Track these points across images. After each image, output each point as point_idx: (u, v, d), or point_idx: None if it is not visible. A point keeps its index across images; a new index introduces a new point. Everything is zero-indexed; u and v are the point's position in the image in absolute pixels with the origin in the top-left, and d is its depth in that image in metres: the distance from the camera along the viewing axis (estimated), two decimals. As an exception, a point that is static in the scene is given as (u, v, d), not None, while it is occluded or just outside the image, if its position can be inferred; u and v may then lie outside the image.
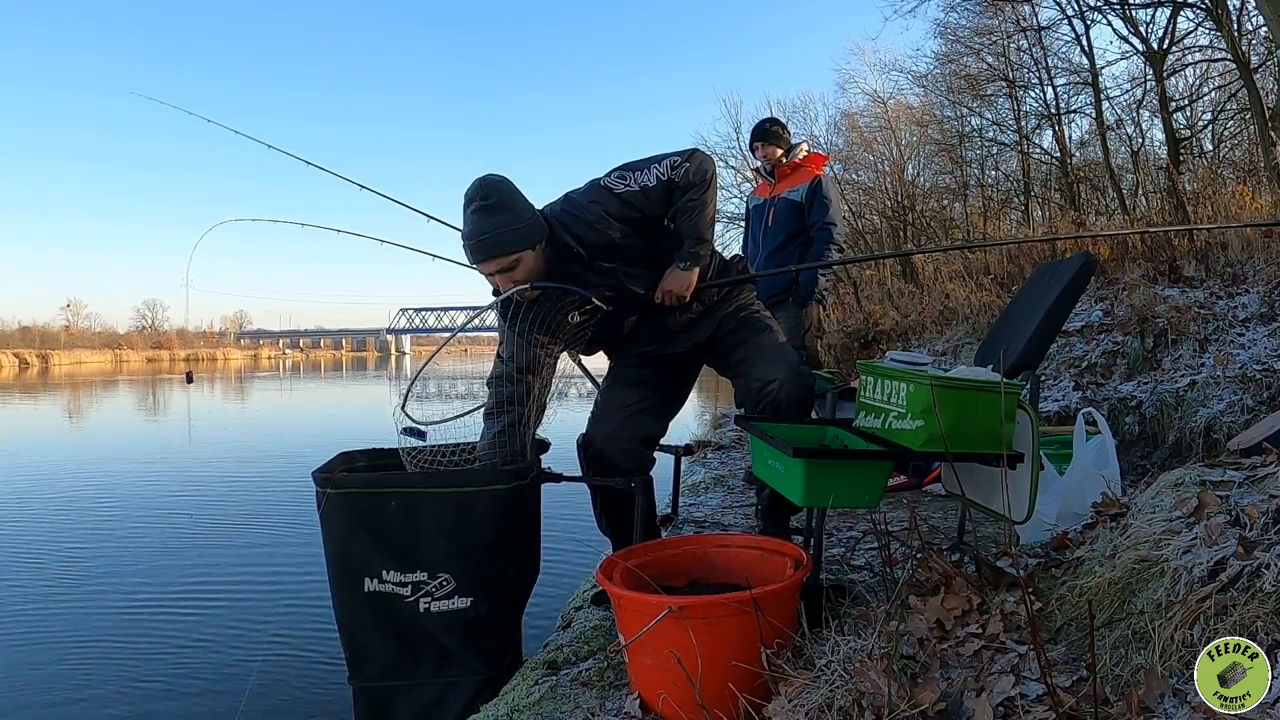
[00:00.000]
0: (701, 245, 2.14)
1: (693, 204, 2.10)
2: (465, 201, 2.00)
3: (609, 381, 2.35)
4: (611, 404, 2.26)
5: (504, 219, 1.97)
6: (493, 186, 1.99)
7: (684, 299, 2.14)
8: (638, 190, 2.07)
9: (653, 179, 2.07)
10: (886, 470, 1.78)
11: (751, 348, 2.18)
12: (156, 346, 70.00)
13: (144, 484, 6.98)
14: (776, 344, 2.18)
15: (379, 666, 2.01)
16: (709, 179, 2.12)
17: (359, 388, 25.73)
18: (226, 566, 4.46)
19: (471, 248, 2.00)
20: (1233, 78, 10.02)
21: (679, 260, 2.14)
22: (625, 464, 2.19)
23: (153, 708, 2.78)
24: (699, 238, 2.13)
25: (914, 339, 7.80)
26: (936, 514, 3.17)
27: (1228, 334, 3.97)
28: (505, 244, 1.97)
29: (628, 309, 2.19)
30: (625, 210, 2.07)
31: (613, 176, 2.10)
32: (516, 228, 1.98)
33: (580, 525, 4.28)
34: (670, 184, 2.08)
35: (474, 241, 1.98)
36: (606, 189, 2.08)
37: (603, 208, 2.06)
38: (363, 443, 2.40)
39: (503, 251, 1.98)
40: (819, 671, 1.35)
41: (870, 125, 18.04)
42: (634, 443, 2.21)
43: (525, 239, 1.99)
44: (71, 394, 21.55)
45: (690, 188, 2.08)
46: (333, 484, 1.98)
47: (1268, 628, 1.12)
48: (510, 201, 2.00)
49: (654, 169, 2.08)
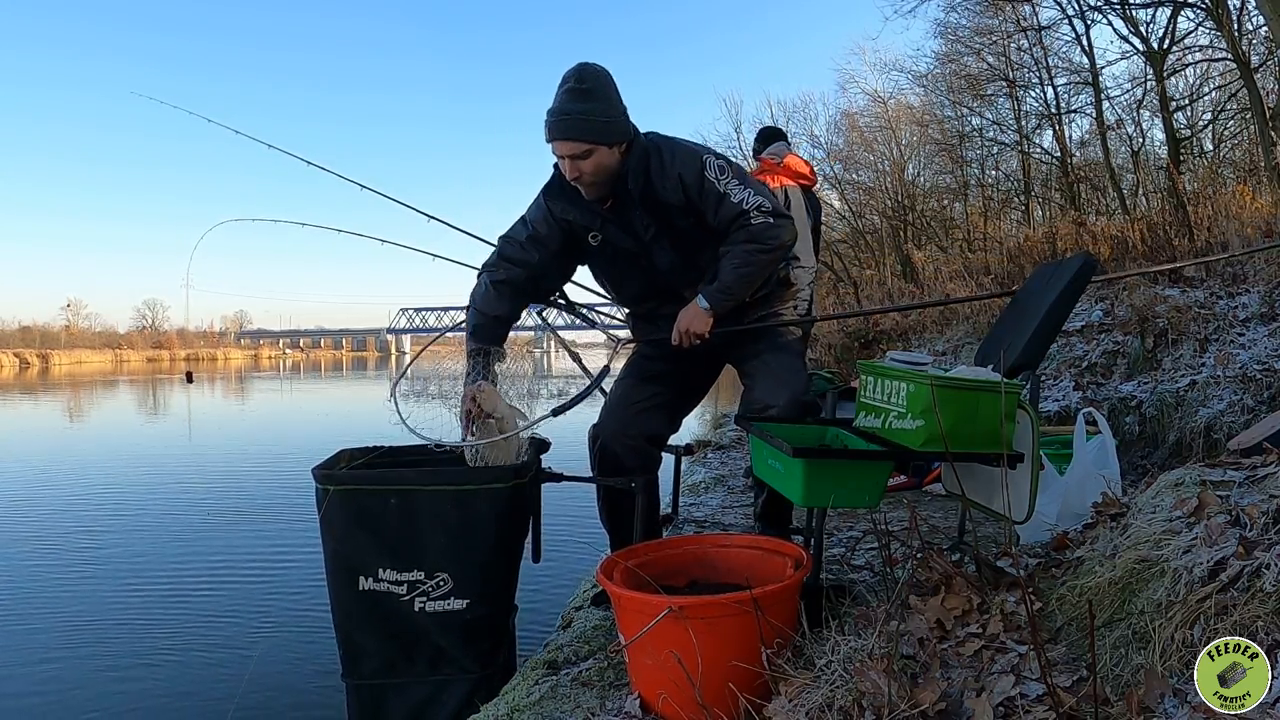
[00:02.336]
0: (729, 299, 2.06)
1: (746, 256, 2.02)
2: (560, 81, 1.97)
3: (625, 372, 2.32)
4: (623, 399, 2.24)
5: (592, 107, 1.94)
6: (591, 74, 1.97)
7: (703, 339, 2.08)
8: (718, 191, 2.01)
9: (735, 199, 2.01)
10: (886, 470, 1.78)
11: (761, 364, 2.16)
12: (157, 346, 69.98)
13: (143, 482, 6.98)
14: (786, 366, 2.14)
15: (373, 665, 2.01)
16: (774, 248, 2.04)
17: (359, 388, 25.72)
18: (223, 563, 4.47)
19: (551, 124, 1.96)
20: (1233, 78, 10.02)
21: (704, 297, 2.06)
22: (629, 461, 2.17)
23: (145, 704, 2.79)
24: (729, 291, 2.05)
25: (914, 339, 7.80)
26: (936, 514, 3.17)
27: (1228, 334, 3.97)
28: (584, 131, 1.94)
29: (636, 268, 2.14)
30: (694, 193, 2.02)
31: (714, 161, 2.04)
32: (600, 120, 1.95)
33: (580, 525, 4.28)
34: (743, 218, 2.02)
35: (555, 119, 1.95)
36: (701, 163, 2.02)
37: (682, 174, 2.01)
38: (363, 441, 2.40)
39: (579, 137, 1.94)
40: (819, 671, 1.35)
41: (870, 125, 18.05)
42: (640, 440, 2.20)
43: (605, 134, 1.96)
44: (72, 393, 21.55)
45: (753, 240, 2.02)
46: (333, 481, 1.98)
47: (1268, 628, 1.12)
48: (604, 93, 1.97)
49: (744, 193, 2.01)
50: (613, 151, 1.99)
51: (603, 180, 2.01)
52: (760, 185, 2.09)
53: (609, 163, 1.99)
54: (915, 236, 15.89)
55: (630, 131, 2.02)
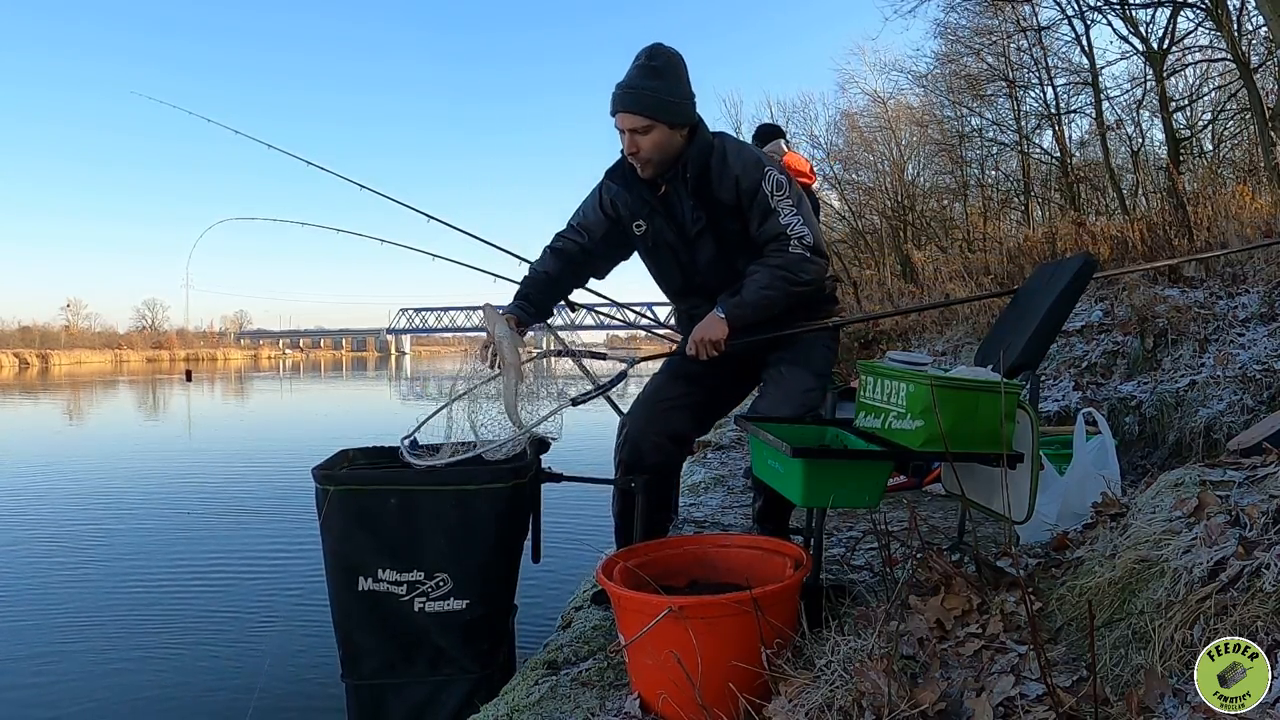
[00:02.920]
0: (744, 315, 2.06)
1: (772, 278, 2.03)
2: (634, 57, 2.01)
3: (661, 368, 2.32)
4: (653, 394, 2.24)
5: (659, 85, 1.98)
6: (662, 54, 2.01)
7: (718, 351, 2.07)
8: (769, 205, 2.03)
9: (782, 219, 2.02)
10: (886, 470, 1.77)
11: (777, 374, 2.15)
12: (156, 346, 69.95)
13: (143, 481, 6.98)
14: (799, 382, 2.13)
15: (373, 665, 2.01)
16: (801, 281, 2.04)
17: (359, 388, 25.71)
18: (222, 563, 4.47)
19: (616, 96, 2.00)
20: (1233, 78, 10.01)
21: (722, 306, 2.06)
22: (650, 459, 2.17)
23: (141, 697, 2.80)
24: (746, 307, 2.05)
25: (914, 339, 7.80)
26: (936, 514, 3.17)
27: (1228, 334, 3.97)
28: (646, 105, 1.97)
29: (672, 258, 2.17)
30: (747, 199, 2.03)
31: (776, 176, 2.05)
32: (666, 99, 1.98)
33: (580, 525, 4.29)
34: (782, 240, 2.03)
35: (620, 91, 1.99)
36: (763, 173, 2.03)
37: (740, 176, 2.02)
38: (363, 441, 2.40)
39: (641, 110, 1.97)
40: (819, 671, 1.35)
41: (870, 125, 18.03)
42: (663, 438, 2.18)
43: (667, 112, 1.98)
44: (72, 393, 21.54)
45: (784, 267, 2.03)
46: (333, 481, 1.98)
47: (1268, 628, 1.12)
48: (673, 74, 2.00)
49: (793, 218, 2.02)
50: (673, 134, 2.01)
51: (659, 160, 2.03)
52: (812, 218, 2.09)
53: (668, 143, 2.01)
54: (915, 237, 15.88)
55: (693, 118, 2.04)
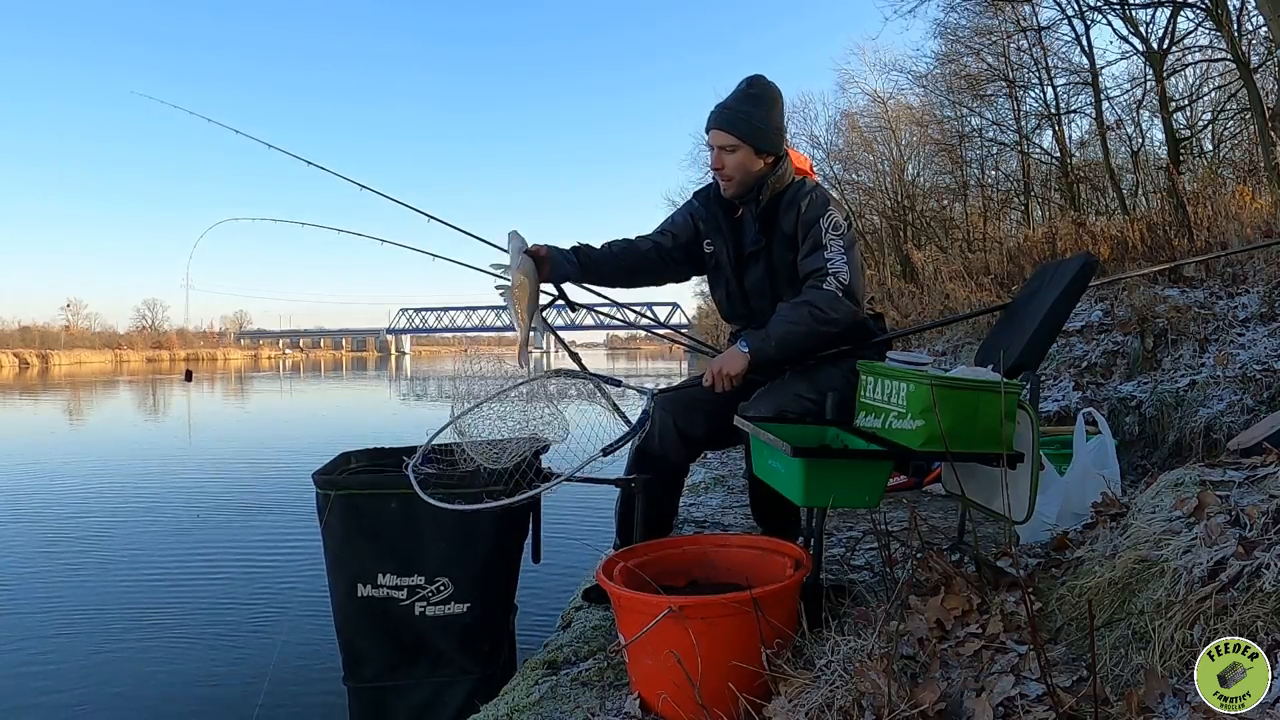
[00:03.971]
0: (768, 350, 2.06)
1: (800, 313, 2.05)
2: (738, 83, 2.16)
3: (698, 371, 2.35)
4: (683, 392, 2.26)
5: (753, 111, 2.12)
6: (762, 84, 2.15)
7: (734, 383, 2.09)
8: (819, 240, 2.09)
9: (827, 255, 2.08)
10: (886, 470, 1.77)
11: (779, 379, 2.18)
12: (156, 346, 69.98)
13: (143, 481, 6.98)
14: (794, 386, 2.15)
15: (374, 668, 2.01)
16: (829, 319, 2.05)
17: (359, 388, 25.72)
18: (222, 564, 4.47)
19: (713, 114, 2.14)
20: (1233, 78, 10.01)
21: (748, 338, 2.09)
22: (662, 450, 2.18)
23: (143, 694, 2.81)
24: (771, 340, 2.05)
25: (914, 339, 7.79)
26: (936, 514, 3.17)
27: (1228, 334, 3.97)
28: (737, 126, 2.11)
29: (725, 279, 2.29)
30: (803, 229, 2.12)
31: (838, 219, 2.12)
32: (757, 125, 2.12)
33: (580, 525, 4.29)
34: (819, 275, 2.06)
35: (718, 110, 2.14)
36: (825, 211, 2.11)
37: (803, 208, 2.12)
38: (364, 442, 2.40)
39: (731, 130, 2.11)
40: (819, 671, 1.35)
41: (870, 125, 18.06)
42: (676, 435, 2.19)
43: (754, 137, 2.11)
44: (72, 393, 21.54)
45: (814, 303, 2.04)
46: (333, 486, 1.98)
47: (1268, 628, 1.12)
48: (768, 104, 2.14)
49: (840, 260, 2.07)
50: (757, 159, 2.13)
51: (740, 179, 2.15)
52: (858, 265, 2.13)
53: (751, 166, 2.14)
54: (915, 237, 15.89)
55: (779, 149, 2.17)
